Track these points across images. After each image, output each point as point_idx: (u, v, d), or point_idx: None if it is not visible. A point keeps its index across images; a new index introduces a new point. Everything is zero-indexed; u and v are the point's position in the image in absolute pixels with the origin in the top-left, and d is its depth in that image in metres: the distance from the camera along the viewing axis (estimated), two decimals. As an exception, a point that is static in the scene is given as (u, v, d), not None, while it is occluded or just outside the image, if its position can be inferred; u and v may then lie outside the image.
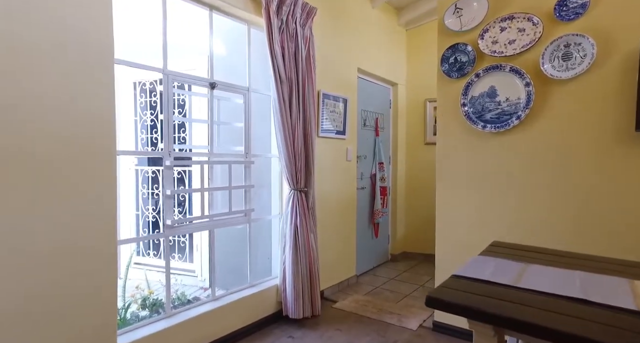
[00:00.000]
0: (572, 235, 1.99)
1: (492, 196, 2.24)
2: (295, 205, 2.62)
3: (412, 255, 4.39)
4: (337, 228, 3.24)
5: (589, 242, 1.93)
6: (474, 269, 1.30)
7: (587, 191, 1.95)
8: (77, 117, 1.56)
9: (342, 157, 3.29)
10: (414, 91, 4.32)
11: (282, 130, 2.50)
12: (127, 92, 3.48)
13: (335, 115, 3.18)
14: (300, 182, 2.64)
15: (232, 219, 2.44)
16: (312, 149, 2.70)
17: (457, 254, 2.38)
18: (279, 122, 2.49)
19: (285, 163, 2.56)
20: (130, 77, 3.46)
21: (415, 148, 4.35)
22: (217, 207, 2.64)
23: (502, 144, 2.21)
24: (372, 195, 3.90)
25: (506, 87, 2.16)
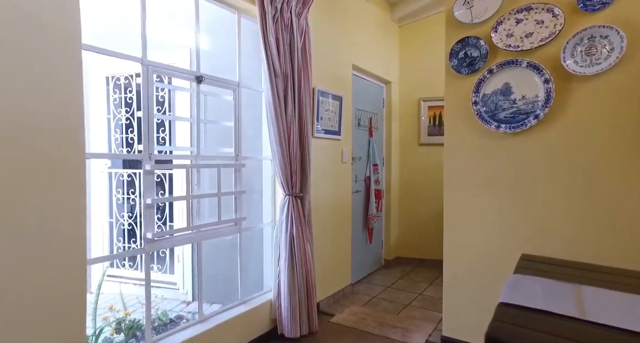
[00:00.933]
0: (605, 248, 1.83)
1: (508, 202, 2.07)
2: (291, 212, 2.38)
3: (407, 261, 4.23)
4: (332, 235, 3.02)
5: (628, 256, 1.78)
6: (521, 294, 1.10)
7: (619, 199, 1.80)
8: (31, 115, 1.28)
9: (337, 159, 3.08)
10: (408, 90, 4.16)
11: (277, 130, 2.26)
12: (98, 88, 3.14)
13: (330, 114, 2.96)
14: (295, 186, 2.40)
15: (221, 229, 2.18)
16: (308, 150, 2.47)
17: (467, 265, 2.21)
18: (273, 121, 2.25)
19: (280, 166, 2.32)
20: (102, 70, 3.13)
21: (409, 149, 4.19)
22: (204, 215, 2.37)
23: (518, 145, 2.05)
24: (366, 199, 3.71)
25: (522, 84, 2.00)
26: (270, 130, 2.29)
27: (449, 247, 2.27)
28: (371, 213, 3.67)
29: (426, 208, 4.13)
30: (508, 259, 2.10)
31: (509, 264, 2.18)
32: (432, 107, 4.05)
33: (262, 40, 2.17)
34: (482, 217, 2.16)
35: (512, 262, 2.12)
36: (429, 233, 4.13)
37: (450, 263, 2.28)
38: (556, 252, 1.81)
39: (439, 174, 4.13)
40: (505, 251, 2.06)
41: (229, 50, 2.34)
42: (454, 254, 2.26)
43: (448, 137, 2.28)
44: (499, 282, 2.19)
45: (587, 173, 1.87)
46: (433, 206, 4.10)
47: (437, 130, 4.04)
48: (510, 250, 2.06)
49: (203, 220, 2.26)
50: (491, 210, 2.12)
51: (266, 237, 2.62)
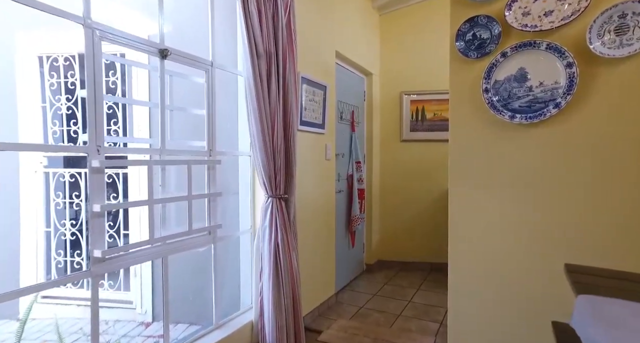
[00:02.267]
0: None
1: (524, 202, 1.85)
2: (275, 217, 2.02)
3: (389, 264, 3.99)
4: (315, 240, 2.69)
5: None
6: (612, 321, 0.85)
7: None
8: None
9: (320, 155, 2.75)
10: (389, 83, 3.92)
11: (259, 119, 1.89)
12: (29, 69, 2.58)
13: (314, 104, 2.62)
14: (279, 187, 2.04)
15: (192, 240, 1.77)
16: (294, 145, 2.12)
17: (477, 276, 1.96)
18: (255, 109, 1.88)
19: (261, 162, 1.95)
20: (33, 48, 2.56)
21: (390, 145, 3.95)
22: (169, 223, 1.94)
23: (535, 137, 1.83)
24: (349, 199, 3.41)
25: (540, 69, 1.78)
26: (250, 120, 1.92)
27: (455, 257, 2.02)
28: (354, 214, 3.38)
29: (408, 208, 3.92)
30: (528, 270, 1.84)
31: (529, 276, 1.87)
32: (414, 101, 3.84)
33: (241, 12, 1.80)
34: (494, 220, 1.92)
35: (533, 273, 1.83)
36: (412, 235, 3.92)
37: (457, 275, 2.02)
38: (587, 262, 1.61)
39: (422, 172, 3.99)
40: (524, 260, 1.84)
41: (199, 23, 1.94)
42: (461, 264, 2.01)
43: (453, 130, 2.02)
44: (517, 297, 1.87)
45: (615, 171, 1.68)
46: (416, 206, 3.89)
47: (420, 126, 3.84)
48: (530, 259, 1.84)
49: (169, 230, 1.84)
50: (505, 212, 1.89)
51: (244, 246, 2.24)
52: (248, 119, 1.93)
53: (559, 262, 1.74)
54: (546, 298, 1.81)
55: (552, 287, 1.79)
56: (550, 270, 1.78)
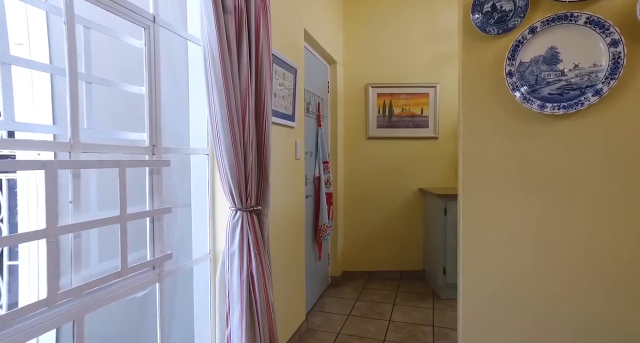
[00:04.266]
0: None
1: (555, 213, 1.54)
2: (246, 237, 1.48)
3: (355, 275, 3.59)
4: (286, 259, 2.18)
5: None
6: None
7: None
8: None
9: (290, 154, 2.24)
10: (353, 73, 3.52)
11: (225, 104, 1.34)
12: None
13: (284, 91, 2.11)
14: (251, 196, 1.50)
15: (126, 283, 1.16)
16: (268, 140, 1.60)
17: (493, 297, 1.62)
18: (221, 89, 1.32)
19: (228, 163, 1.40)
20: None
21: (355, 143, 3.56)
22: (89, 259, 1.27)
23: (569, 131, 1.53)
24: (316, 205, 2.94)
25: (575, 48, 1.49)
26: (212, 104, 1.35)
27: (469, 278, 1.66)
28: (322, 223, 2.92)
29: (375, 213, 3.56)
30: (556, 295, 1.52)
31: (556, 302, 1.52)
32: (381, 94, 3.49)
33: (198, -57, 1.23)
34: (511, 229, 1.59)
35: (561, 300, 1.49)
36: (380, 242, 3.57)
37: (471, 299, 1.66)
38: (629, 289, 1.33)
39: (391, 173, 3.60)
40: (551, 283, 1.53)
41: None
42: (475, 287, 1.65)
43: (466, 124, 1.66)
44: (543, 329, 1.53)
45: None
46: (384, 210, 3.55)
47: (388, 122, 3.50)
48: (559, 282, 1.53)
49: (87, 270, 1.18)
50: (531, 225, 1.57)
51: (199, 279, 1.65)
52: (209, 102, 1.36)
53: (593, 288, 1.48)
54: (576, 330, 1.52)
55: (585, 318, 1.50)
56: (582, 296, 1.50)
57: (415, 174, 3.52)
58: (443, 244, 2.99)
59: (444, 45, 3.41)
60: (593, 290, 1.51)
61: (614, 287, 1.49)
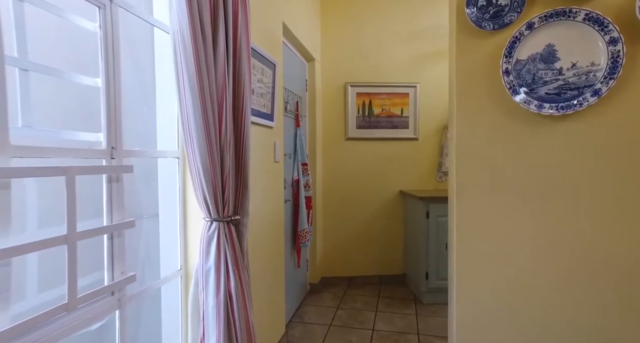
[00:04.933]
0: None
1: (555, 216, 1.47)
2: (223, 251, 1.30)
3: (334, 281, 3.46)
4: (265, 270, 2.01)
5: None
6: None
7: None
8: None
9: (269, 156, 2.08)
10: (332, 71, 3.39)
11: (199, 99, 1.16)
12: None
13: (263, 87, 1.94)
14: (228, 204, 1.33)
15: (75, 317, 0.95)
16: (247, 141, 1.43)
17: (488, 309, 1.53)
18: (194, 82, 1.15)
19: (203, 167, 1.22)
20: None
21: (334, 144, 3.43)
22: (27, 288, 1.04)
23: (566, 133, 1.46)
24: (295, 210, 2.78)
25: (573, 45, 1.42)
26: (184, 99, 1.17)
27: (462, 281, 1.56)
28: (302, 228, 2.76)
29: (354, 217, 3.45)
30: (554, 308, 1.43)
31: (554, 315, 1.45)
32: (361, 94, 3.38)
33: None
34: (514, 239, 1.51)
35: (560, 312, 1.40)
36: (359, 246, 3.46)
37: (464, 302, 1.57)
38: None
39: (370, 175, 3.42)
40: (550, 293, 1.46)
41: None
42: (471, 295, 1.55)
43: (460, 125, 1.56)
44: (543, 339, 1.43)
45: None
46: (363, 214, 3.44)
47: (367, 122, 3.39)
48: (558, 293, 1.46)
49: (22, 304, 0.96)
50: (528, 232, 1.49)
51: (167, 296, 1.45)
52: (179, 98, 1.18)
53: (593, 299, 1.40)
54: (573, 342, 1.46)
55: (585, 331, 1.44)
56: (580, 308, 1.43)
57: (396, 176, 3.43)
58: (425, 248, 2.91)
59: (425, 45, 3.35)
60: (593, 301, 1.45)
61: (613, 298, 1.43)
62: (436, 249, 2.90)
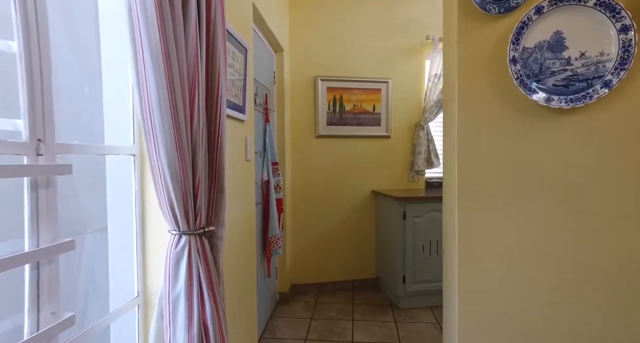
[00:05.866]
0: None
1: (566, 220, 1.36)
2: (196, 271, 1.04)
3: (305, 288, 3.24)
4: (236, 283, 1.74)
5: None
6: None
7: None
8: None
9: (240, 154, 1.81)
10: (301, 64, 3.16)
11: (166, 79, 0.89)
12: None
13: (235, 74, 1.67)
14: (200, 213, 1.06)
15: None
16: (222, 135, 1.16)
17: (494, 314, 1.40)
18: (159, 56, 0.87)
19: (169, 167, 0.95)
20: None
21: (304, 142, 3.20)
22: None
23: (576, 128, 1.36)
24: (265, 214, 2.52)
25: (582, 33, 1.32)
26: (146, 79, 0.89)
27: (464, 295, 1.41)
28: (273, 234, 2.51)
29: (324, 219, 3.25)
30: (565, 314, 1.32)
31: (567, 321, 1.33)
32: (332, 88, 3.19)
33: None
34: (522, 245, 1.39)
35: (572, 317, 1.28)
36: (331, 250, 3.27)
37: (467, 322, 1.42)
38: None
39: (342, 175, 3.19)
40: (563, 296, 1.35)
41: None
42: (471, 305, 1.41)
43: (462, 118, 1.41)
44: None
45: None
46: (332, 216, 3.25)
47: (339, 119, 3.21)
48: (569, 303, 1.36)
49: None
50: (539, 233, 1.37)
51: (119, 334, 1.15)
52: (137, 78, 0.90)
53: (605, 306, 1.40)
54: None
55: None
56: (595, 319, 1.34)
57: (368, 175, 3.28)
58: (402, 251, 2.78)
59: (398, 40, 3.23)
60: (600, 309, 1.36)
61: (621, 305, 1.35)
62: (413, 251, 2.78)
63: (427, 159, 3.28)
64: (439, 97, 3.21)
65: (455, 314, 1.42)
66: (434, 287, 2.81)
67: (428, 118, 3.24)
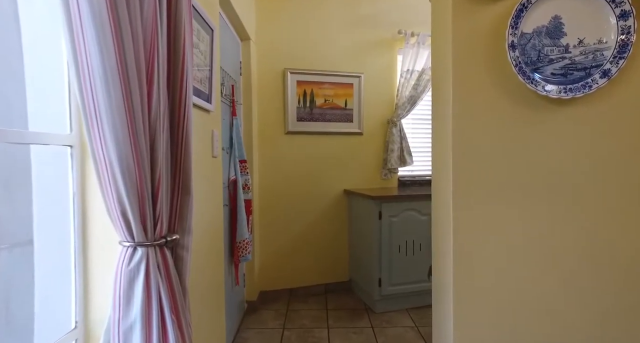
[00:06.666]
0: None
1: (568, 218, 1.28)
2: (156, 292, 0.82)
3: (273, 295, 3.03)
4: (203, 296, 1.51)
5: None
6: None
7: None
8: None
9: (206, 149, 1.58)
10: (269, 55, 2.95)
11: (114, 48, 0.67)
12: None
13: (200, 57, 1.44)
14: (161, 219, 0.85)
15: None
16: (188, 124, 0.95)
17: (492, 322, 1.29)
18: (103, 17, 0.65)
19: (120, 161, 0.73)
20: None
21: (272, 138, 2.99)
22: None
23: (574, 120, 1.28)
24: (232, 217, 2.29)
25: (581, 19, 1.25)
26: (85, 46, 0.67)
27: (463, 305, 1.30)
28: (241, 238, 2.28)
29: (294, 220, 3.06)
30: (571, 323, 1.25)
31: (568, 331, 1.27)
32: (302, 82, 3.01)
33: None
34: (519, 243, 1.29)
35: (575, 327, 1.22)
36: (301, 253, 3.09)
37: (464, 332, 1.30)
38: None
39: (312, 173, 3.02)
40: (563, 300, 1.27)
41: None
42: (468, 314, 1.30)
43: (457, 110, 1.29)
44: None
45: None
46: (302, 217, 3.08)
47: (309, 114, 3.04)
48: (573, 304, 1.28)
49: None
50: (540, 234, 1.28)
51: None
52: (73, 46, 0.67)
53: (614, 312, 1.33)
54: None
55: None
56: (596, 322, 1.27)
57: (339, 174, 3.14)
58: (378, 253, 2.66)
59: (369, 33, 3.11)
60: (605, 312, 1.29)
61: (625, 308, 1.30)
62: (389, 252, 2.67)
63: (400, 156, 3.19)
64: (411, 93, 3.13)
65: (450, 326, 1.30)
66: (410, 289, 2.72)
67: (401, 114, 3.15)
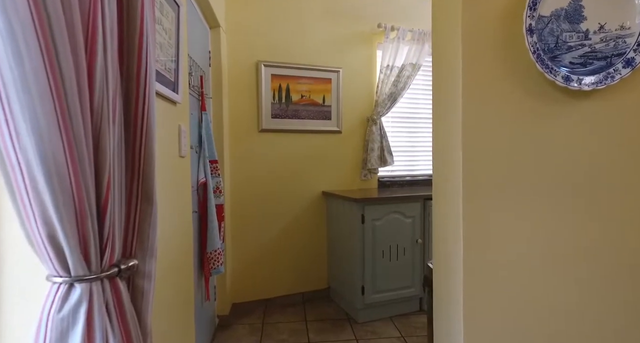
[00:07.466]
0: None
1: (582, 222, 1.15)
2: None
3: (248, 307, 2.79)
4: (170, 319, 1.27)
5: None
6: None
7: None
8: None
9: (172, 147, 1.33)
10: (241, 45, 2.70)
11: (24, 8, 0.43)
12: None
13: (164, 36, 1.19)
14: (112, 241, 0.61)
15: None
16: (150, 111, 0.71)
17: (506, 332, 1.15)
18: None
19: (45, 165, 0.48)
20: None
21: (245, 137, 2.75)
22: None
23: (593, 114, 1.16)
24: (202, 224, 2.03)
25: (602, 3, 1.13)
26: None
27: (474, 311, 1.14)
28: (213, 248, 2.03)
29: (269, 226, 2.84)
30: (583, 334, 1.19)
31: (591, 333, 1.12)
32: (277, 76, 2.79)
33: None
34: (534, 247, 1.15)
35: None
36: (276, 261, 2.87)
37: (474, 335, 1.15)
38: None
39: (288, 174, 2.82)
40: (583, 308, 1.15)
41: None
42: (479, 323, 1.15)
43: (467, 103, 1.13)
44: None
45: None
46: (277, 222, 2.86)
47: (285, 111, 2.82)
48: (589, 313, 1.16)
49: None
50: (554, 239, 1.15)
51: None
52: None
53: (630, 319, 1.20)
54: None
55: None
56: (612, 329, 1.17)
57: (317, 175, 2.94)
58: (361, 259, 2.49)
59: (348, 25, 2.94)
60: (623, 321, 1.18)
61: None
62: (373, 258, 2.50)
63: (380, 156, 3.04)
64: (391, 89, 2.99)
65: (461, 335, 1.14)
66: (394, 296, 2.58)
67: (381, 112, 3.01)
